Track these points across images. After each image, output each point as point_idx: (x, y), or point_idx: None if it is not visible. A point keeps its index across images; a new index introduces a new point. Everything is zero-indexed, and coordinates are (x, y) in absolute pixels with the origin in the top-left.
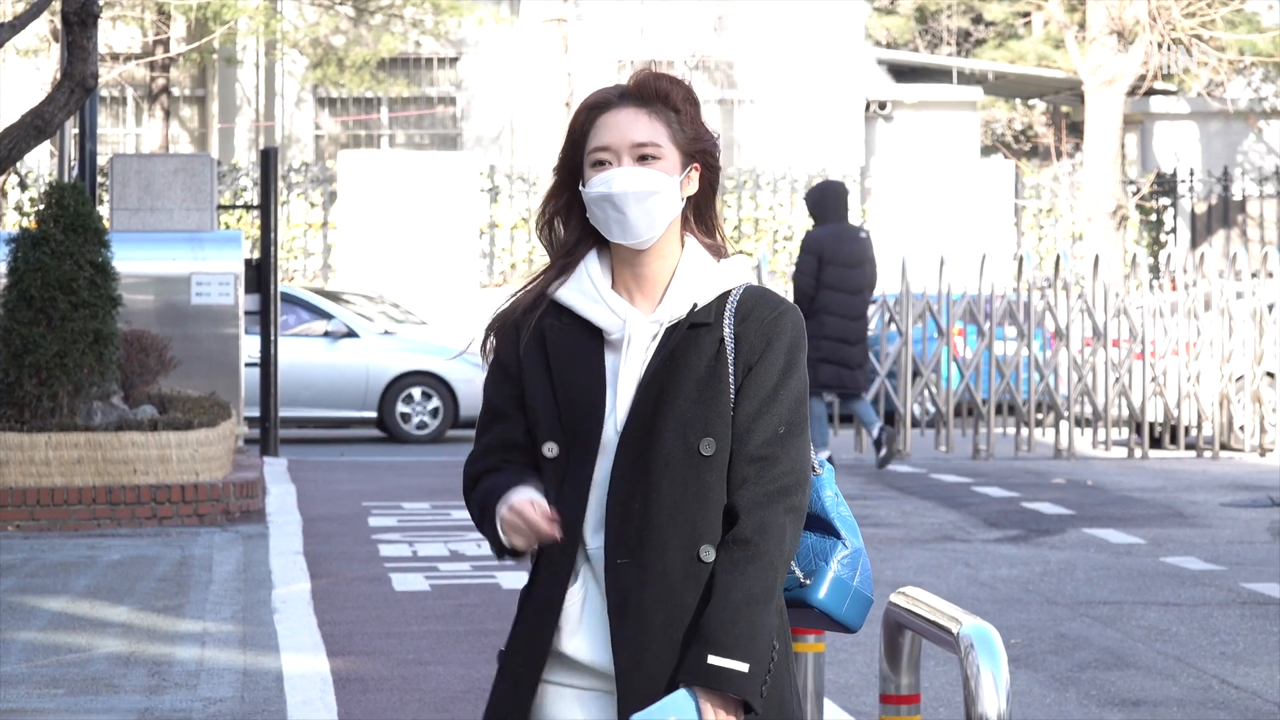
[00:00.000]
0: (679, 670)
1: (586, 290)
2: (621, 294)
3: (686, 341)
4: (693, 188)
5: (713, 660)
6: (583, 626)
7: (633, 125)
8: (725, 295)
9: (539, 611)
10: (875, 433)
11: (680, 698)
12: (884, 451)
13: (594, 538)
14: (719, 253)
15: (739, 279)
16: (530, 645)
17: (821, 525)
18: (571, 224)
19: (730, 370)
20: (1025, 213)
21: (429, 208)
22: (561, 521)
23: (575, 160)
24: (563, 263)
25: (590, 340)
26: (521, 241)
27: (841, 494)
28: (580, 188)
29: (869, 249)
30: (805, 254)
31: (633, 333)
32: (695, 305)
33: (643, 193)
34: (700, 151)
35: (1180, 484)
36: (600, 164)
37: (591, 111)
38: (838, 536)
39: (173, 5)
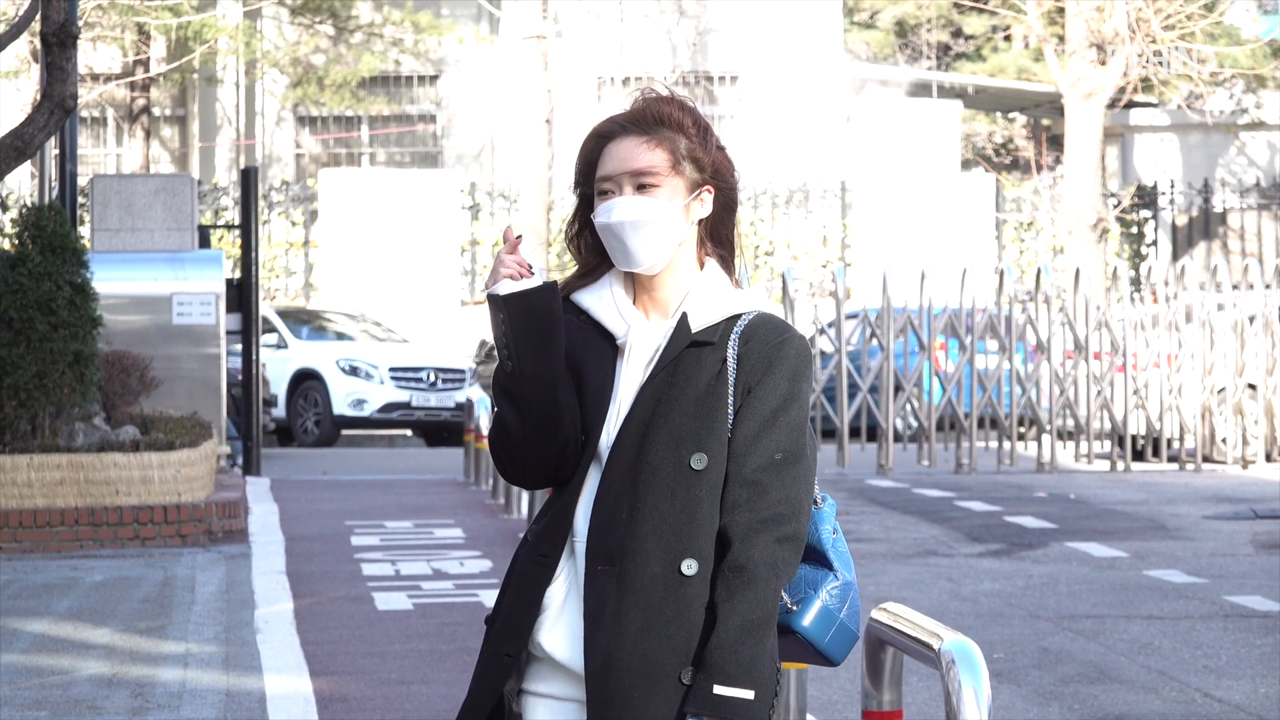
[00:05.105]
0: (686, 701)
1: (604, 297)
2: (639, 311)
3: (689, 359)
4: (705, 210)
5: (719, 690)
6: (561, 623)
7: (633, 154)
8: (735, 319)
9: (522, 587)
10: None
11: None
12: None
13: (583, 531)
14: (730, 267)
15: (752, 305)
16: (514, 621)
17: (816, 557)
18: (592, 245)
19: (730, 390)
20: (1006, 226)
21: (410, 225)
22: (557, 502)
23: (589, 187)
24: (585, 272)
25: (604, 344)
26: None
27: (841, 530)
28: (592, 215)
29: None
30: None
31: (634, 341)
32: (701, 327)
33: (638, 222)
34: (713, 173)
35: (1162, 497)
36: (605, 193)
37: (600, 140)
38: (830, 568)
39: (153, 25)
